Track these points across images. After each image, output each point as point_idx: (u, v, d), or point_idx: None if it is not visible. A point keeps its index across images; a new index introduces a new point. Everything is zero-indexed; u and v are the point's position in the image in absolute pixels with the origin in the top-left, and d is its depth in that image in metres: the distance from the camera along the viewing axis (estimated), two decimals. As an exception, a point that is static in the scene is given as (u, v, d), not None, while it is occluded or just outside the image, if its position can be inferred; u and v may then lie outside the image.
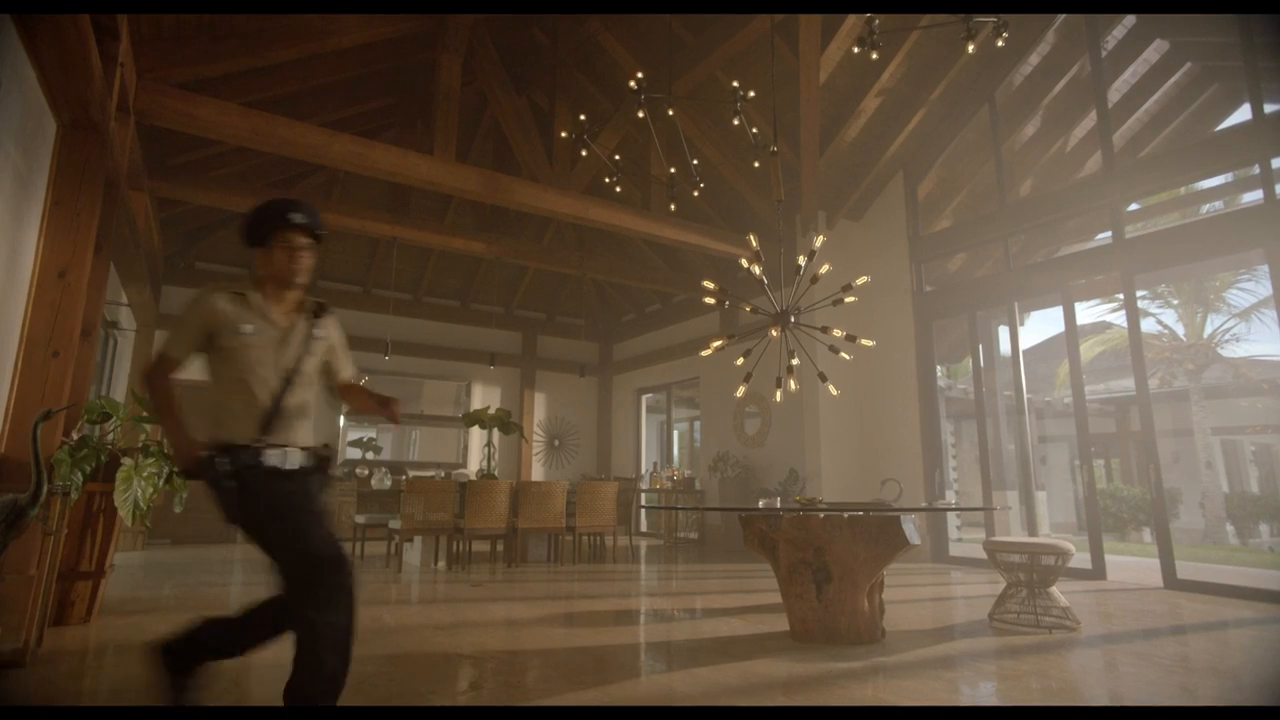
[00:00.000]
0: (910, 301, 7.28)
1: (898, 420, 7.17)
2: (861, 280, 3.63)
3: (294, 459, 2.04)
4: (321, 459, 2.13)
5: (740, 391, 4.17)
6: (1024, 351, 9.45)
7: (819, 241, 4.03)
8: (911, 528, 3.07)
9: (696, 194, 5.01)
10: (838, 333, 3.70)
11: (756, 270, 3.84)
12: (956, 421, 12.27)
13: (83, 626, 3.56)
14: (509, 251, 7.50)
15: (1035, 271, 6.39)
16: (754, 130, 4.69)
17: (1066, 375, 15.45)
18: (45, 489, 2.67)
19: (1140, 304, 12.21)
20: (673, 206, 4.78)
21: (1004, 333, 8.42)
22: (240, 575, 5.80)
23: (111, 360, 7.11)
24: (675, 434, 13.55)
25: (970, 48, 3.14)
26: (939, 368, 7.85)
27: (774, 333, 3.71)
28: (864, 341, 3.62)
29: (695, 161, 4.93)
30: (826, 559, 3.13)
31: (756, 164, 4.74)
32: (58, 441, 3.44)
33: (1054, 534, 10.15)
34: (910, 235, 7.43)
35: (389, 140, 6.92)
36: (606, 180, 5.13)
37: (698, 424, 13.27)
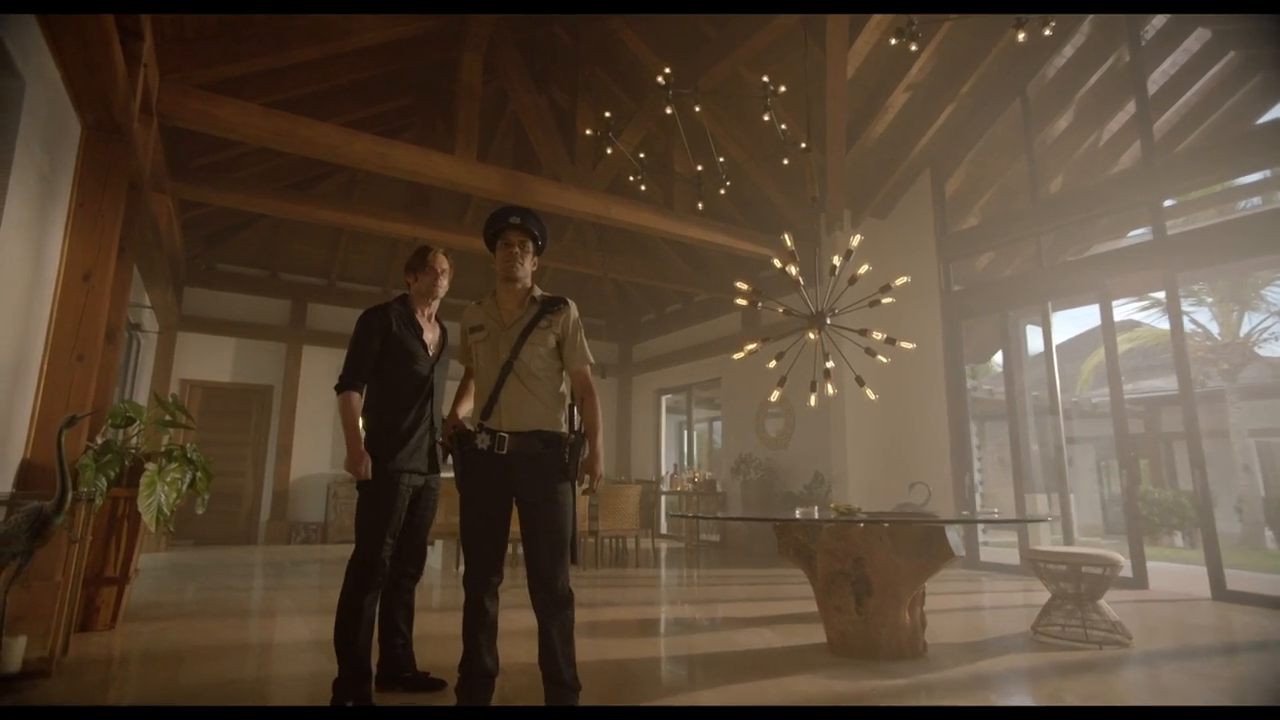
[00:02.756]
0: (938, 301, 7.12)
1: (925, 422, 7.01)
2: (901, 280, 3.50)
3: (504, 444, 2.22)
4: (553, 443, 2.24)
5: (775, 396, 4.05)
6: (1038, 354, 9.26)
7: (855, 240, 3.90)
8: (956, 538, 2.94)
9: (723, 192, 4.90)
10: (877, 335, 3.57)
11: (793, 271, 3.73)
12: (979, 422, 12.05)
13: (108, 633, 3.53)
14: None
15: (1070, 270, 6.21)
16: (783, 126, 4.57)
17: (1089, 375, 15.20)
18: (70, 496, 2.62)
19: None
20: (700, 205, 4.67)
21: (1031, 332, 8.26)
22: (261, 578, 5.78)
23: (135, 362, 7.13)
24: (693, 435, 13.42)
25: (1021, 36, 3.01)
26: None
27: (811, 336, 3.59)
28: (903, 344, 3.49)
29: (721, 159, 4.81)
30: (867, 570, 3.02)
31: (786, 161, 4.62)
32: (82, 447, 3.40)
33: (1082, 538, 9.93)
34: (938, 233, 7.27)
35: (409, 140, 6.88)
36: (630, 179, 5.03)
37: (716, 424, 13.16)
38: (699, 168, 4.53)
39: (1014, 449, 6.44)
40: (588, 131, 4.52)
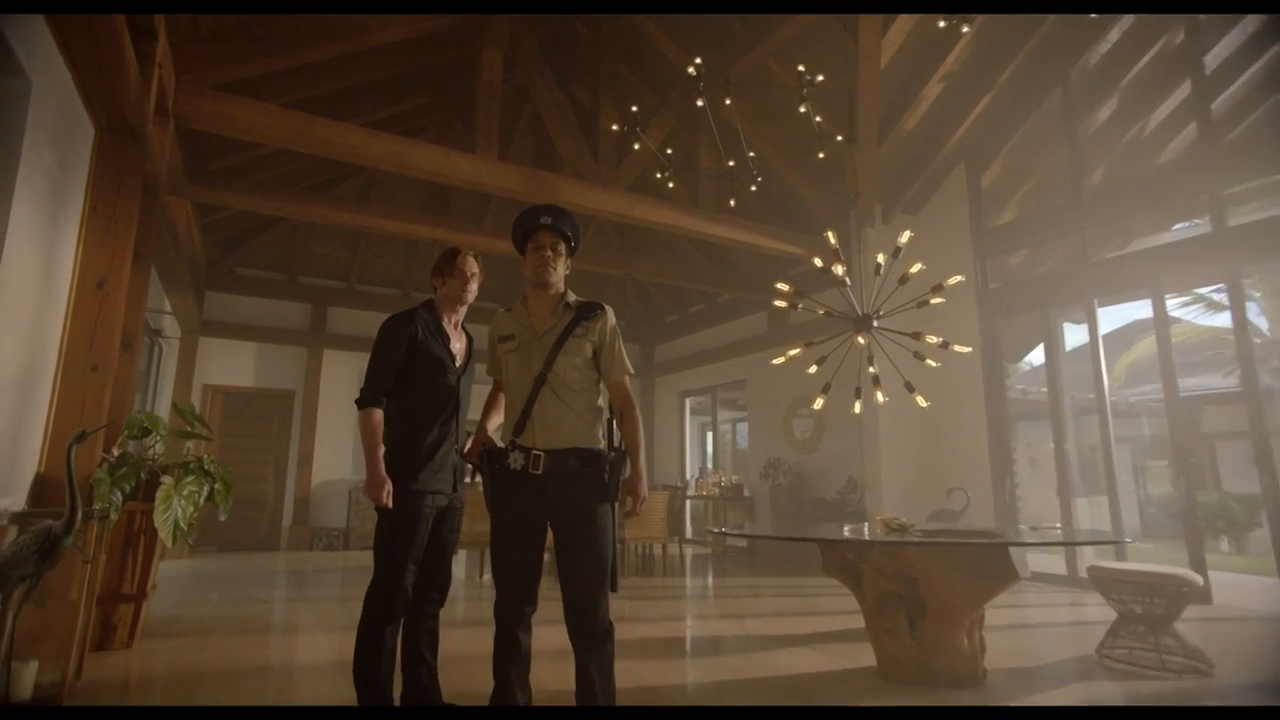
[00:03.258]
0: (975, 299, 6.85)
1: (962, 425, 6.75)
2: (954, 280, 3.28)
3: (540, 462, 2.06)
4: (591, 461, 2.09)
5: (819, 404, 3.84)
6: (1071, 351, 8.90)
7: (905, 237, 3.67)
8: (1019, 556, 2.71)
9: (754, 188, 4.69)
10: (931, 339, 3.34)
11: (839, 270, 3.52)
12: (1012, 423, 11.68)
13: (125, 652, 3.42)
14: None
15: (1119, 265, 5.92)
16: (818, 119, 4.36)
17: (1122, 373, 14.71)
18: (80, 515, 2.49)
19: (1216, 296, 11.49)
20: (732, 202, 4.47)
21: (1068, 330, 7.96)
22: (283, 589, 5.68)
23: (158, 369, 7.08)
24: (713, 436, 13.19)
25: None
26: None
27: (860, 340, 3.37)
28: (958, 347, 3.26)
29: (752, 154, 4.61)
30: (921, 591, 2.81)
31: (821, 155, 4.41)
32: (97, 459, 3.29)
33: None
34: (974, 229, 7.00)
35: (428, 140, 6.75)
36: (657, 175, 4.85)
37: (740, 426, 12.92)
38: (730, 163, 4.32)
39: (1057, 451, 6.15)
40: (614, 127, 4.34)
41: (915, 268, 3.47)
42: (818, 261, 3.90)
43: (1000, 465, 6.44)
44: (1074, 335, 9.33)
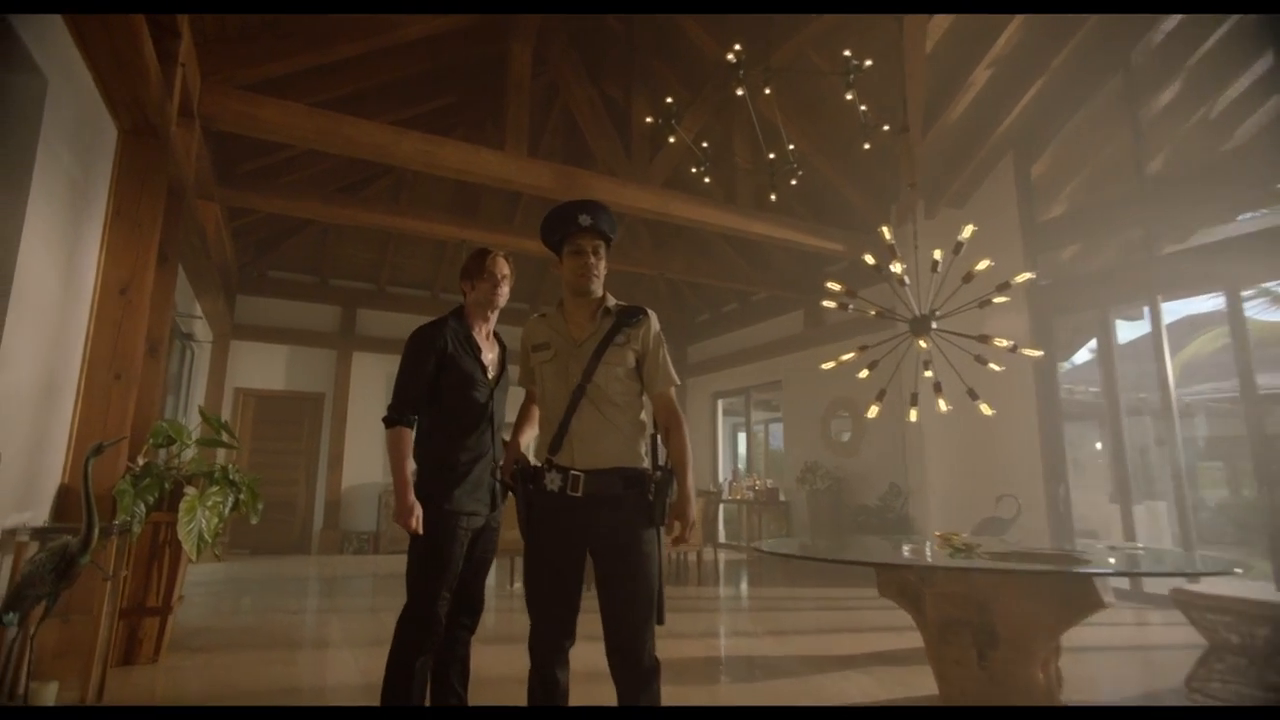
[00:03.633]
0: (1025, 296, 6.50)
1: (1012, 428, 6.41)
2: (1023, 277, 3.01)
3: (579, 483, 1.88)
4: (635, 482, 1.90)
5: (873, 412, 3.60)
6: (1119, 348, 8.45)
7: (968, 232, 3.41)
8: (1105, 583, 2.44)
9: (794, 182, 4.46)
10: (1001, 342, 3.07)
11: (897, 268, 3.27)
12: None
13: (150, 667, 3.32)
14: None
15: (1188, 259, 5.54)
16: (863, 108, 4.11)
17: (1178, 371, 14.08)
18: (97, 532, 2.38)
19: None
20: (773, 197, 4.25)
21: (1120, 327, 7.55)
22: (313, 597, 5.60)
23: (190, 373, 7.08)
24: (746, 438, 12.92)
25: None
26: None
27: (923, 344, 3.12)
28: (1027, 351, 2.98)
29: (792, 146, 4.38)
30: (992, 619, 2.56)
31: (867, 146, 4.16)
32: (121, 470, 3.20)
33: (1175, 548, 9.11)
34: (1024, 223, 6.65)
35: (457, 139, 6.63)
36: (693, 170, 4.64)
37: (773, 427, 12.63)
38: (771, 155, 4.10)
39: (1115, 455, 5.79)
40: (648, 119, 4.15)
41: (982, 265, 3.20)
42: (869, 259, 3.66)
43: (1053, 470, 6.10)
44: (1122, 332, 8.90)
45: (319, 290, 8.90)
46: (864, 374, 3.73)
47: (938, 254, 3.48)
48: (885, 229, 3.58)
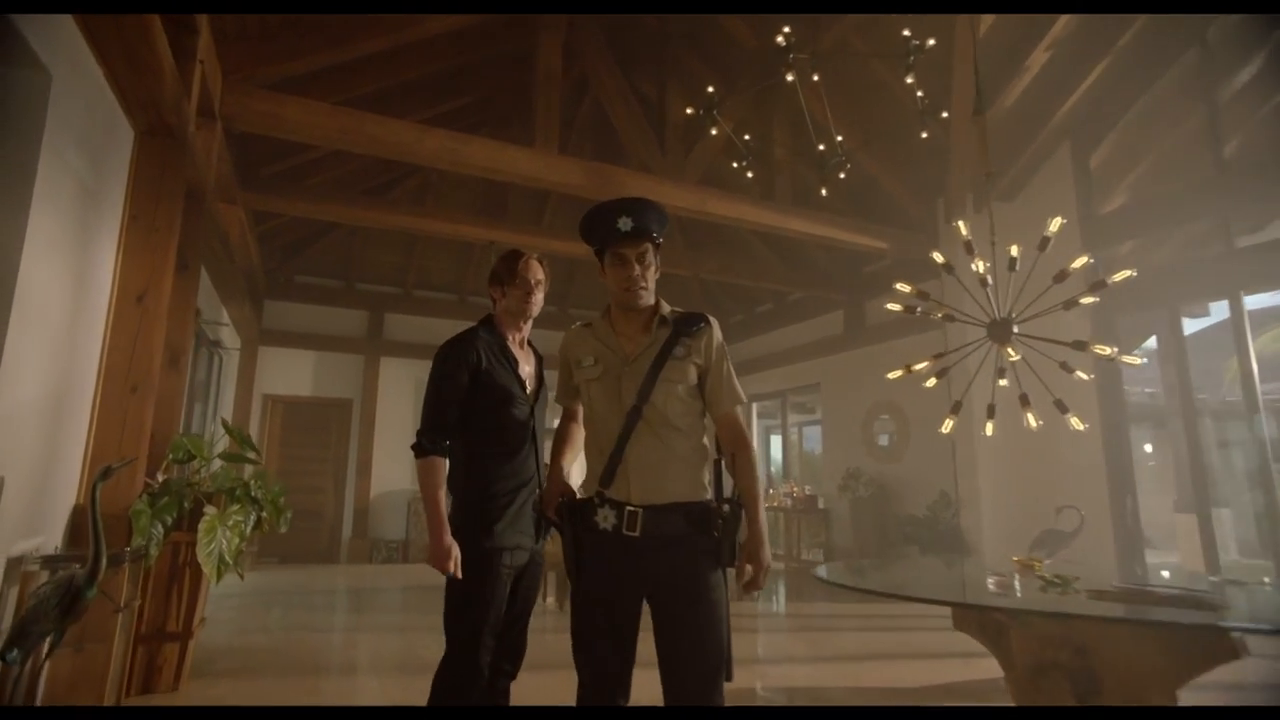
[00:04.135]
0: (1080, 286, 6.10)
1: (1073, 433, 6.01)
2: (1122, 275, 2.68)
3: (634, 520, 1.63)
4: (699, 519, 1.64)
5: (948, 426, 3.30)
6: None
7: (1055, 225, 3.09)
8: (1243, 629, 2.11)
9: (843, 176, 4.17)
10: (1103, 349, 2.73)
11: (979, 267, 2.96)
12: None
13: (170, 695, 3.15)
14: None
15: (1275, 250, 5.11)
16: (920, 93, 3.81)
17: (1237, 371, 13.43)
18: (104, 563, 2.19)
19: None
20: (824, 191, 3.96)
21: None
22: (341, 613, 5.44)
23: (218, 381, 6.99)
24: (781, 442, 12.57)
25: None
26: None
27: (1012, 353, 2.80)
28: (1127, 359, 2.66)
29: (840, 138, 4.09)
30: (1093, 664, 2.26)
31: (925, 134, 3.86)
32: (138, 488, 3.03)
33: (1243, 559, 8.60)
34: (1082, 216, 6.26)
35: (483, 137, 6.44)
36: (735, 165, 4.37)
37: (807, 430, 12.27)
38: (820, 147, 3.82)
39: (1192, 462, 5.37)
40: (688, 110, 3.89)
41: (1079, 262, 2.85)
42: (938, 257, 3.36)
43: (1119, 479, 5.71)
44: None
45: (346, 295, 8.79)
46: (931, 382, 3.43)
47: (1015, 250, 3.17)
48: (961, 223, 3.28)
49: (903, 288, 3.25)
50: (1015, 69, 5.61)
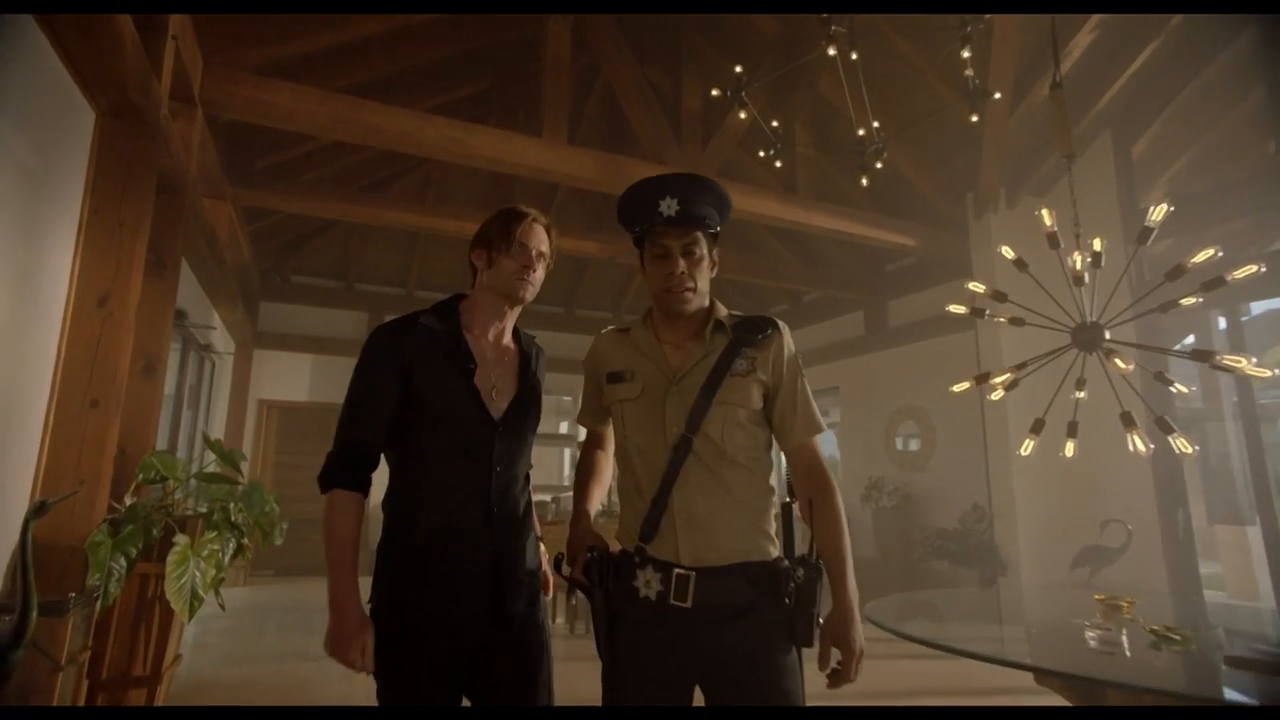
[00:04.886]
0: (1129, 295, 5.72)
1: (1117, 440, 5.63)
2: (1245, 271, 2.30)
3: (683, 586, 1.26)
4: (767, 584, 1.27)
5: (1027, 448, 2.92)
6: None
7: (1158, 214, 2.71)
8: None
9: (880, 165, 3.81)
10: (1236, 360, 2.33)
11: (1078, 261, 2.59)
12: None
13: (136, 747, 2.81)
14: (625, 252, 6.50)
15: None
16: (969, 72, 3.45)
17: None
18: (33, 618, 1.84)
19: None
20: (865, 181, 3.60)
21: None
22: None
23: (209, 387, 6.65)
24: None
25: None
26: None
27: (1121, 365, 2.42)
28: (1252, 370, 2.28)
29: (876, 124, 3.73)
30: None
31: (975, 117, 3.49)
32: (99, 516, 2.68)
33: None
34: (1124, 210, 5.88)
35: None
36: (761, 154, 4.01)
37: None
38: (860, 131, 3.45)
39: (1252, 467, 4.95)
40: (714, 91, 3.52)
41: (1203, 255, 2.46)
42: (1007, 252, 2.99)
43: (1169, 491, 5.32)
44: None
45: (344, 295, 8.45)
46: (997, 395, 3.05)
47: (1098, 243, 2.80)
48: (1045, 211, 2.91)
49: (976, 287, 2.88)
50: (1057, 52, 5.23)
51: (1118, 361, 2.38)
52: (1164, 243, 6.59)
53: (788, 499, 1.36)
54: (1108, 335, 2.62)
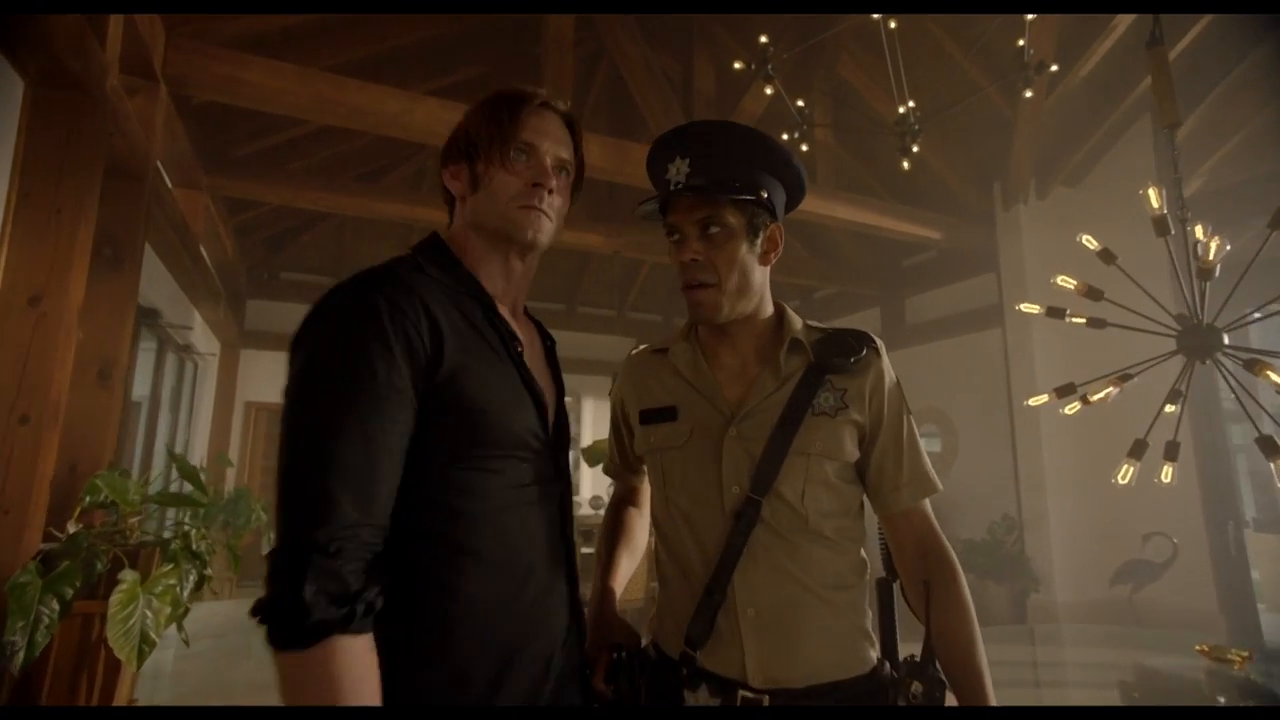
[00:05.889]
0: (1169, 290, 5.34)
1: (1156, 445, 5.27)
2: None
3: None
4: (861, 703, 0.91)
5: (1126, 475, 2.54)
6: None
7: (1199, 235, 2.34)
8: None
9: (916, 149, 3.43)
10: None
11: (1211, 249, 2.22)
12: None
13: (78, 814, 2.45)
14: (630, 245, 6.13)
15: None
16: (1021, 42, 3.07)
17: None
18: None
19: None
20: (905, 164, 3.23)
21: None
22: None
23: (191, 390, 6.29)
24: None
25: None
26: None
27: (1275, 377, 2.04)
28: None
29: (912, 104, 3.35)
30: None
31: (1030, 93, 3.13)
32: (29, 551, 2.32)
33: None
34: (1167, 202, 5.48)
35: (485, 115, 5.71)
36: (783, 138, 3.63)
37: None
38: (903, 109, 3.08)
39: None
40: (736, 65, 3.17)
41: None
42: (1090, 243, 2.61)
43: (1218, 501, 4.94)
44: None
45: (337, 293, 8.08)
46: (1072, 408, 2.67)
47: (1200, 231, 2.42)
48: (1153, 191, 2.56)
49: (1066, 282, 2.50)
50: (1098, 31, 4.85)
51: (1270, 375, 1.99)
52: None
53: (884, 574, 0.99)
54: (1226, 340, 2.25)
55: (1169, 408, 2.33)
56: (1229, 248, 2.13)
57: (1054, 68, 2.99)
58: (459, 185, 0.98)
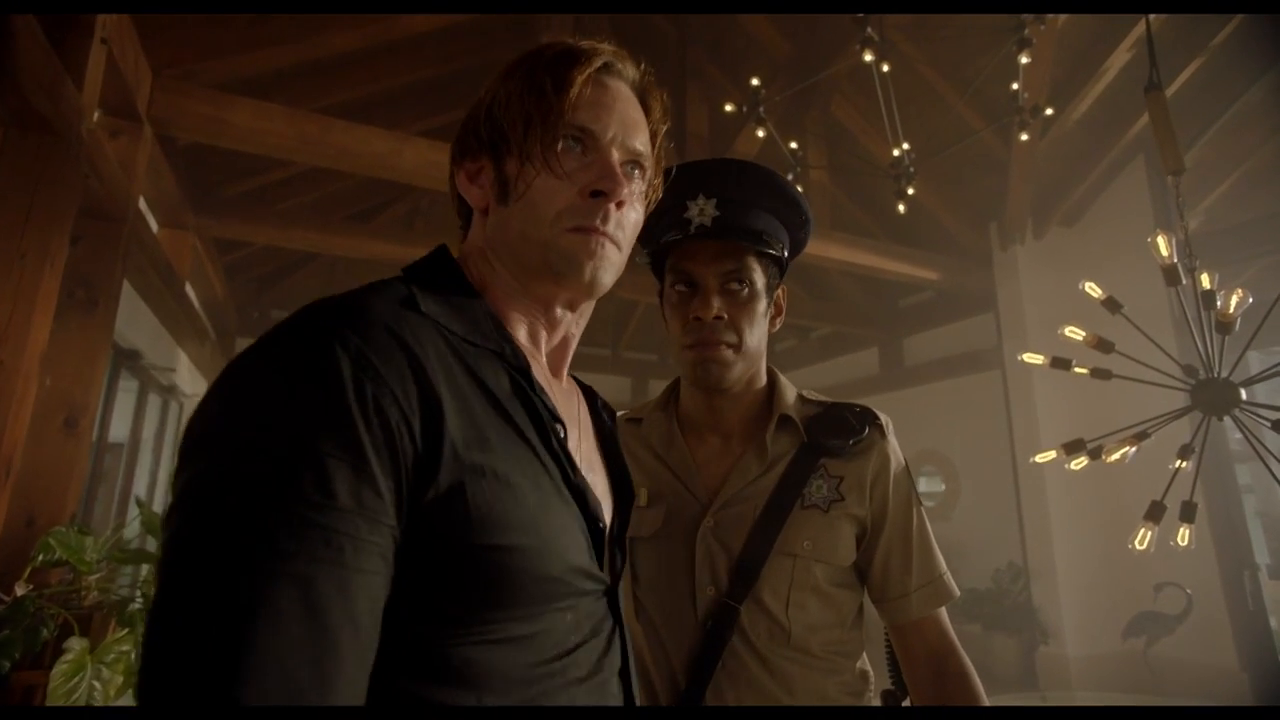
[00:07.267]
0: (1172, 332, 5.25)
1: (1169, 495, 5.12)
2: None
3: None
4: None
5: (1144, 538, 2.41)
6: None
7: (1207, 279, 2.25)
8: None
9: (911, 191, 3.37)
10: None
11: (1232, 303, 2.11)
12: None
13: None
14: (623, 284, 6.04)
15: None
16: (1015, 86, 3.03)
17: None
18: None
19: None
20: (901, 208, 3.16)
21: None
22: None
23: (175, 433, 6.14)
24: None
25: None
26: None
27: None
28: None
29: (906, 146, 3.30)
30: None
31: (1025, 136, 3.08)
32: (-30, 617, 2.16)
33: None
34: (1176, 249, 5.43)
35: (479, 156, 5.69)
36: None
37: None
38: (898, 151, 3.02)
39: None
40: (728, 107, 3.11)
41: None
42: (1093, 290, 2.51)
43: (1233, 549, 4.78)
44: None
45: (328, 332, 8.00)
46: (1079, 463, 2.54)
47: (1206, 279, 2.33)
48: (1161, 239, 2.44)
49: (1074, 333, 2.39)
50: (1091, 72, 4.86)
51: None
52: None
53: (890, 686, 0.86)
54: (1244, 395, 2.13)
55: (1182, 463, 2.18)
56: (1251, 300, 2.01)
57: (1049, 111, 2.94)
58: (479, 193, 0.67)
